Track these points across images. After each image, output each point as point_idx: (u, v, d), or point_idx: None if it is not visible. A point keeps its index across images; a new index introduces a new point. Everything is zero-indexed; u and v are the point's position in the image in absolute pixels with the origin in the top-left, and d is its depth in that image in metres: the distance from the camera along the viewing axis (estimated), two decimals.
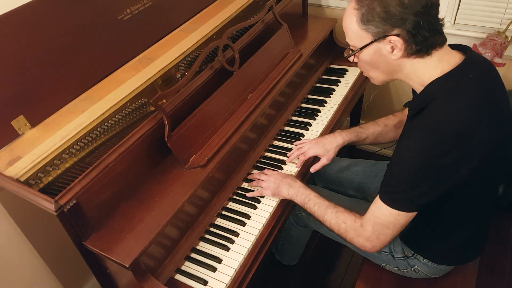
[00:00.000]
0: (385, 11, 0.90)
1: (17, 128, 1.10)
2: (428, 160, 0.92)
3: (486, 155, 0.94)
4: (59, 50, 1.16)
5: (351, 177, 1.54)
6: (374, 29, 0.93)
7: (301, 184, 1.27)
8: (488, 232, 1.23)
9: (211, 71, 1.36)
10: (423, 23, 0.90)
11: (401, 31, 0.91)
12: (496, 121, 0.95)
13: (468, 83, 0.94)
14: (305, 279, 1.85)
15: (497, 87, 1.01)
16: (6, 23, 1.04)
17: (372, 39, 0.95)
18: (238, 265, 1.15)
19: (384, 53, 0.97)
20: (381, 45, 0.95)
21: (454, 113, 0.91)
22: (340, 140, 1.39)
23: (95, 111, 1.16)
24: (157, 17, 1.43)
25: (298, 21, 1.92)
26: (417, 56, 0.95)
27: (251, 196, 1.32)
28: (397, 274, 1.32)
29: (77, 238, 1.03)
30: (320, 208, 1.18)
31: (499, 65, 1.64)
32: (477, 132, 0.91)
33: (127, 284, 1.12)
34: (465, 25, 1.78)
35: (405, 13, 0.89)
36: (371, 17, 0.92)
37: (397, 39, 0.92)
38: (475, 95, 0.93)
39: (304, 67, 1.68)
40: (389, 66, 1.00)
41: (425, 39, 0.92)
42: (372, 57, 0.99)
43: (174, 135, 1.19)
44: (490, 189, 1.07)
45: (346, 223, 1.11)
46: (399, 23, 0.90)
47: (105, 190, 1.08)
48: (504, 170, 1.07)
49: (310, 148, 1.40)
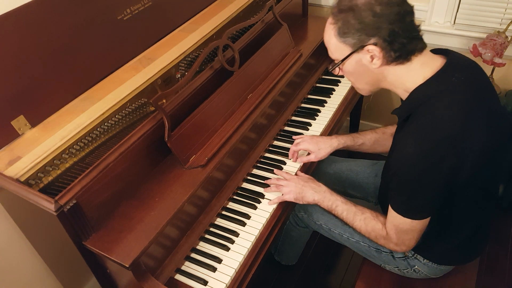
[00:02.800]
0: (359, 22, 0.93)
1: (17, 128, 1.10)
2: (426, 168, 0.94)
3: (482, 155, 0.94)
4: (59, 50, 1.16)
5: (351, 177, 1.54)
6: (351, 40, 0.97)
7: (326, 188, 1.25)
8: (488, 232, 1.24)
9: (211, 71, 1.36)
10: (398, 30, 0.92)
11: (377, 40, 0.94)
12: (488, 120, 0.95)
13: (453, 86, 0.95)
14: (305, 279, 1.85)
15: (483, 86, 1.02)
16: (6, 23, 1.04)
17: (351, 51, 0.98)
18: (238, 265, 1.15)
19: (365, 63, 0.99)
20: (361, 55, 0.98)
21: (442, 118, 0.93)
22: (335, 143, 1.40)
23: (95, 111, 1.16)
24: (157, 17, 1.43)
25: (298, 21, 1.92)
26: (397, 63, 0.97)
27: (273, 204, 1.29)
28: (397, 274, 1.32)
29: (77, 238, 1.03)
30: (349, 215, 1.19)
31: (499, 65, 1.64)
32: (468, 134, 0.92)
33: (127, 284, 1.12)
34: (465, 25, 1.78)
35: (379, 22, 0.92)
36: (347, 29, 0.95)
37: (374, 48, 0.95)
38: (460, 98, 0.94)
39: (304, 67, 1.68)
40: (373, 75, 1.03)
41: (402, 46, 0.94)
42: (355, 68, 1.02)
43: (174, 135, 1.19)
44: (490, 190, 1.07)
45: (375, 231, 1.14)
46: (374, 32, 0.93)
47: (105, 190, 1.08)
48: (504, 171, 1.08)
49: (304, 142, 1.40)
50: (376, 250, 1.29)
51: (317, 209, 1.40)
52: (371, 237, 1.16)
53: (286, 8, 1.75)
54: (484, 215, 1.14)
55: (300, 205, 1.44)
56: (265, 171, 1.41)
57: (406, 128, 1.00)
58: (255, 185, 1.37)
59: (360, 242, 1.31)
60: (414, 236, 1.06)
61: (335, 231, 1.36)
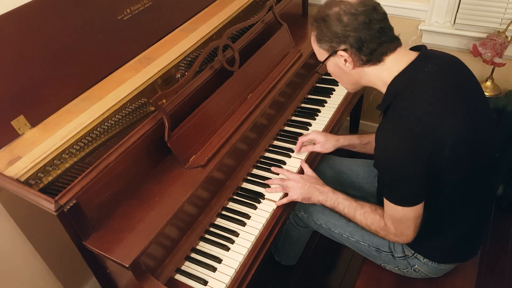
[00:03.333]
0: (329, 31, 1.04)
1: (17, 128, 1.10)
2: (404, 155, 0.97)
3: (457, 144, 0.97)
4: (59, 50, 1.16)
5: (351, 177, 1.54)
6: (326, 46, 1.08)
7: (329, 188, 1.29)
8: (486, 228, 1.25)
9: (211, 71, 1.36)
10: (366, 37, 1.00)
11: (347, 46, 1.03)
12: (462, 111, 0.99)
13: (425, 74, 1.00)
14: (305, 279, 1.85)
15: (461, 77, 1.05)
16: (6, 23, 1.04)
17: (327, 54, 1.09)
18: (238, 265, 1.15)
19: (341, 66, 1.09)
20: (336, 59, 1.09)
21: (413, 108, 0.98)
22: (341, 139, 1.45)
23: (95, 111, 1.16)
24: (157, 17, 1.43)
25: (298, 21, 1.92)
26: (370, 64, 1.05)
27: (280, 205, 1.30)
28: (397, 274, 1.32)
29: (77, 238, 1.03)
30: (350, 210, 1.22)
31: (499, 65, 1.64)
32: (439, 124, 0.95)
33: (127, 284, 1.12)
34: (465, 25, 1.78)
35: (345, 30, 1.01)
36: (321, 36, 1.07)
37: (344, 53, 1.05)
38: (434, 85, 0.99)
39: (304, 67, 1.68)
40: (350, 76, 1.12)
41: (372, 51, 1.02)
42: (334, 69, 1.13)
43: (174, 135, 1.19)
44: (475, 182, 1.08)
45: (374, 224, 1.16)
46: (343, 40, 1.03)
47: (105, 190, 1.08)
48: (504, 170, 1.08)
49: (313, 132, 1.46)
50: (376, 250, 1.29)
51: (317, 209, 1.40)
52: (372, 230, 1.18)
53: (286, 8, 1.75)
54: (478, 208, 1.14)
55: (301, 205, 1.44)
56: (265, 171, 1.41)
57: (384, 119, 1.05)
58: (255, 185, 1.37)
59: (360, 242, 1.32)
60: (409, 225, 1.07)
61: (335, 230, 1.36)
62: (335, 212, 1.28)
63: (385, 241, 1.28)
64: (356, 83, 1.14)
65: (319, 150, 1.44)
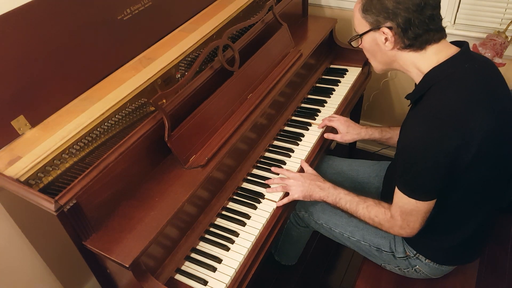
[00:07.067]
0: (380, 3, 0.98)
1: (17, 128, 1.10)
2: (431, 146, 0.95)
3: (485, 143, 0.95)
4: (59, 50, 1.16)
5: (352, 177, 1.54)
6: (370, 19, 1.02)
7: (330, 184, 1.28)
8: (490, 232, 1.24)
9: (211, 71, 1.36)
10: (414, 20, 0.96)
11: (393, 24, 0.99)
12: (495, 111, 0.97)
13: (465, 71, 0.98)
14: (305, 279, 1.85)
15: (496, 80, 1.03)
16: (6, 23, 1.04)
17: (369, 28, 1.04)
18: (238, 265, 1.15)
19: (379, 43, 1.04)
20: (377, 35, 1.03)
21: (449, 100, 0.95)
22: (363, 132, 1.45)
23: (95, 111, 1.16)
24: (157, 17, 1.43)
25: (298, 21, 1.92)
26: (410, 50, 1.01)
27: (281, 205, 1.29)
28: (397, 274, 1.32)
29: (77, 238, 1.03)
30: (352, 205, 1.21)
31: (499, 65, 1.64)
32: (472, 119, 0.93)
33: (127, 284, 1.12)
34: (465, 25, 1.78)
35: (397, 8, 0.96)
36: (369, 7, 1.01)
37: (388, 31, 1.00)
38: (471, 83, 0.97)
39: (304, 67, 1.68)
40: (385, 56, 1.08)
41: (417, 36, 0.98)
42: (370, 45, 1.08)
43: (174, 135, 1.19)
44: (492, 185, 1.07)
45: (378, 216, 1.14)
46: (391, 17, 0.98)
47: (105, 190, 1.08)
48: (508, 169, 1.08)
49: (337, 121, 1.46)
50: (377, 249, 1.29)
51: (318, 209, 1.40)
52: (375, 223, 1.16)
53: (286, 8, 1.75)
54: (486, 213, 1.13)
55: (301, 205, 1.44)
56: (265, 171, 1.41)
57: (415, 108, 1.03)
58: (255, 185, 1.37)
59: (361, 241, 1.32)
60: (418, 218, 1.06)
61: (336, 230, 1.36)
62: (336, 212, 1.28)
63: (386, 241, 1.28)
64: (388, 64, 1.10)
65: (339, 140, 1.45)
